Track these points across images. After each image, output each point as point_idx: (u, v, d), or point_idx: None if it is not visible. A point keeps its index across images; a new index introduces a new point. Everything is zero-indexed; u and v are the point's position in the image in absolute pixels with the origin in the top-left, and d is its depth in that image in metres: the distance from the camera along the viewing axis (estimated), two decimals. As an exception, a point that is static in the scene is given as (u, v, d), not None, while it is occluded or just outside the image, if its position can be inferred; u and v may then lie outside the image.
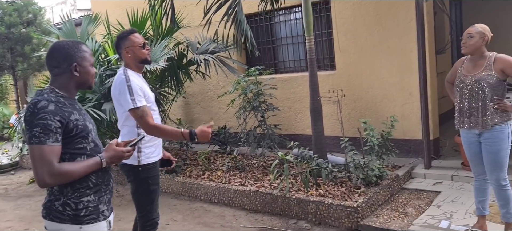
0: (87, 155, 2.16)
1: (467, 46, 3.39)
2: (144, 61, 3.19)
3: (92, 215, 2.16)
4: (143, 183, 3.20)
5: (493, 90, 3.35)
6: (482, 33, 3.36)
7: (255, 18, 7.19)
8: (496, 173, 3.44)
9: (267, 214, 4.94)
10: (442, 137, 6.21)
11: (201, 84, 7.73)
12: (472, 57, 3.47)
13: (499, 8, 8.36)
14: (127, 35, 3.16)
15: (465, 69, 3.50)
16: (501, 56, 3.36)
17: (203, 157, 6.18)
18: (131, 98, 3.00)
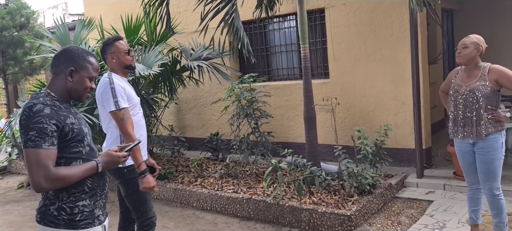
0: (82, 159, 2.14)
1: (462, 56, 3.42)
2: (128, 67, 3.29)
3: (88, 220, 2.14)
4: (132, 184, 3.22)
5: (487, 100, 3.37)
6: (476, 44, 3.40)
7: (250, 25, 7.19)
8: (490, 182, 3.46)
9: (260, 221, 4.91)
10: (434, 146, 6.25)
11: (194, 91, 7.70)
12: (467, 68, 3.50)
13: (490, 20, 8.48)
14: (112, 41, 3.26)
15: (460, 79, 3.53)
16: (495, 66, 3.39)
17: (196, 164, 6.14)
18: (114, 100, 3.08)
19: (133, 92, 3.28)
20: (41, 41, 7.13)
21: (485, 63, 3.44)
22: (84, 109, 5.66)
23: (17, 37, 7.75)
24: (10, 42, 7.68)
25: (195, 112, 8.05)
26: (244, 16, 6.67)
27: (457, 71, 3.62)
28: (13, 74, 8.13)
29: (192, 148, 7.98)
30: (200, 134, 7.94)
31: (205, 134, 7.62)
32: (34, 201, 6.42)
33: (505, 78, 3.34)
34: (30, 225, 5.43)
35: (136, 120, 3.22)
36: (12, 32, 7.67)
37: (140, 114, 3.32)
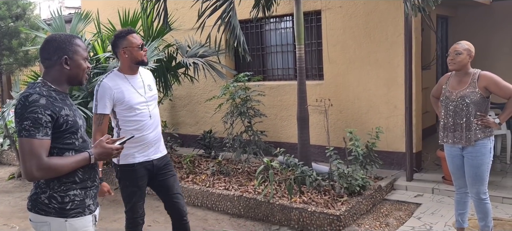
0: (75, 150, 2.16)
1: (455, 62, 3.48)
2: (140, 62, 3.19)
3: (78, 209, 2.17)
4: (121, 183, 3.28)
5: (477, 106, 3.43)
6: (469, 50, 3.47)
7: (246, 24, 7.23)
8: (477, 187, 3.52)
9: (250, 219, 4.95)
10: (424, 151, 6.32)
11: (188, 88, 7.73)
12: (458, 74, 3.56)
13: (484, 28, 8.59)
14: (125, 35, 3.15)
15: (450, 86, 3.59)
16: (484, 73, 3.45)
17: (188, 160, 6.17)
18: (95, 103, 3.11)
19: (132, 93, 3.15)
20: (36, 32, 7.13)
21: (475, 70, 3.51)
22: (78, 102, 5.67)
23: (13, 27, 7.74)
24: (5, 32, 7.67)
25: (189, 109, 8.07)
26: (241, 15, 6.71)
27: (447, 77, 3.68)
28: (7, 64, 8.11)
29: (185, 144, 8.00)
30: (194, 131, 7.97)
31: (198, 131, 7.65)
32: (24, 192, 6.42)
33: (494, 85, 3.41)
34: (20, 216, 5.44)
35: (134, 121, 3.15)
36: (8, 22, 7.66)
37: (142, 114, 3.18)
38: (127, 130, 3.15)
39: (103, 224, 5.01)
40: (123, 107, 3.13)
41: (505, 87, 3.40)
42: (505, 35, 8.51)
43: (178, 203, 3.35)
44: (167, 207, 3.40)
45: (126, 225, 3.37)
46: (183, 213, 3.37)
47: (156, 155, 3.28)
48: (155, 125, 3.29)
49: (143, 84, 3.25)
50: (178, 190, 3.38)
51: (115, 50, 3.20)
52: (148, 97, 3.25)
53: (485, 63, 7.99)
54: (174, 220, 3.42)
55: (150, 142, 3.24)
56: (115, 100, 3.10)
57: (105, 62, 5.97)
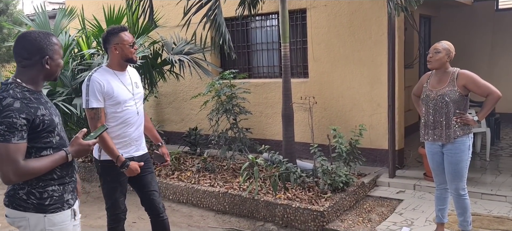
0: (53, 148, 2.16)
1: (433, 61, 3.56)
2: (130, 60, 3.20)
3: (57, 204, 2.17)
4: (101, 178, 3.31)
5: (456, 104, 3.52)
6: (448, 50, 3.55)
7: (232, 22, 7.25)
8: (456, 183, 3.62)
9: (235, 215, 4.99)
10: (407, 148, 6.43)
11: (174, 85, 7.72)
12: (437, 73, 3.64)
13: (466, 27, 8.76)
14: (118, 31, 3.16)
15: (431, 85, 3.67)
16: (463, 72, 3.54)
17: (173, 157, 6.17)
18: (86, 99, 3.10)
19: (121, 89, 3.17)
20: (19, 28, 7.04)
21: (454, 69, 3.59)
22: (62, 99, 5.63)
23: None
24: (-13, 27, 7.58)
25: (174, 106, 8.07)
26: (226, 12, 6.72)
27: (428, 76, 3.77)
28: (-12, 60, 8.02)
29: (170, 141, 8.00)
30: (179, 128, 7.97)
31: (184, 128, 7.65)
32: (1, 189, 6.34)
33: (472, 84, 3.50)
34: None
35: (121, 116, 3.17)
36: (-10, 17, 7.56)
37: (129, 111, 3.20)
38: (112, 125, 3.16)
39: (88, 221, 4.99)
40: (111, 102, 3.13)
41: (483, 86, 3.49)
42: (486, 35, 8.70)
43: (154, 200, 3.38)
44: (143, 203, 3.44)
45: (108, 221, 3.38)
46: (159, 209, 3.41)
47: (138, 152, 3.31)
48: (139, 122, 3.31)
49: (131, 81, 3.27)
50: (155, 187, 3.41)
51: (106, 45, 3.20)
52: (136, 94, 3.27)
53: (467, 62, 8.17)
54: (151, 216, 3.46)
55: (133, 139, 3.26)
56: (105, 94, 3.10)
57: (90, 58, 5.93)
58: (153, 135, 3.54)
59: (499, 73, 8.53)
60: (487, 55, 8.68)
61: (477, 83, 3.49)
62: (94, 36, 6.27)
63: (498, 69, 8.58)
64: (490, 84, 3.51)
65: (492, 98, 3.48)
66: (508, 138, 7.42)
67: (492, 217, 4.35)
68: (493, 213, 4.44)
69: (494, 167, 5.82)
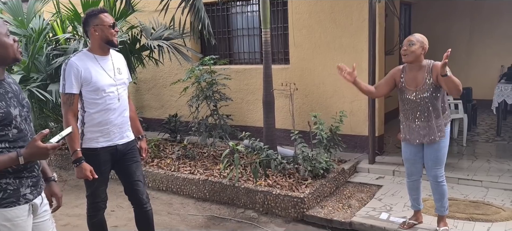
0: (9, 141, 2.04)
1: (409, 53, 3.44)
2: (110, 42, 3.09)
3: (11, 198, 2.04)
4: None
5: (436, 100, 3.48)
6: (422, 42, 3.46)
7: (212, 7, 7.15)
8: (435, 170, 3.64)
9: (215, 202, 4.97)
10: (387, 134, 6.49)
11: (153, 71, 7.60)
12: (412, 68, 3.53)
13: (446, 14, 8.84)
14: (97, 13, 3.07)
15: (407, 83, 3.55)
16: (437, 64, 3.42)
17: (153, 144, 6.10)
18: (62, 83, 3.02)
19: (101, 75, 3.06)
20: (-9, 11, 6.80)
21: (429, 61, 3.51)
22: (37, 85, 5.47)
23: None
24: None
25: (154, 93, 7.95)
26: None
27: (400, 71, 3.64)
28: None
29: (150, 128, 7.89)
30: (159, 114, 7.87)
31: (163, 115, 7.56)
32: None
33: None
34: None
35: (101, 103, 3.06)
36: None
37: (109, 97, 3.09)
38: (92, 112, 3.07)
39: (65, 209, 4.90)
40: (90, 88, 3.03)
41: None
42: (464, 22, 8.79)
43: (138, 190, 3.30)
44: (127, 192, 3.36)
45: (88, 209, 3.31)
46: (143, 200, 3.34)
47: (122, 140, 3.21)
48: (122, 109, 3.20)
49: (113, 66, 3.15)
50: (140, 177, 3.32)
51: (85, 28, 3.10)
52: (117, 80, 3.15)
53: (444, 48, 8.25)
54: (135, 206, 3.39)
55: (115, 126, 3.16)
56: (82, 79, 3.00)
57: (65, 42, 5.77)
58: (135, 125, 3.43)
59: (477, 60, 8.66)
60: (465, 43, 8.79)
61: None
62: (70, 20, 6.10)
63: (475, 57, 8.71)
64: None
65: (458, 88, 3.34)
66: (485, 124, 7.56)
67: (468, 201, 4.42)
68: (469, 197, 4.52)
69: (471, 152, 5.92)
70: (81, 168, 2.99)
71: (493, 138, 6.60)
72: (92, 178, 3.01)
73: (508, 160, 5.46)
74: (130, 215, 4.70)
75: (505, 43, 8.42)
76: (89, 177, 3.00)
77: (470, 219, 4.02)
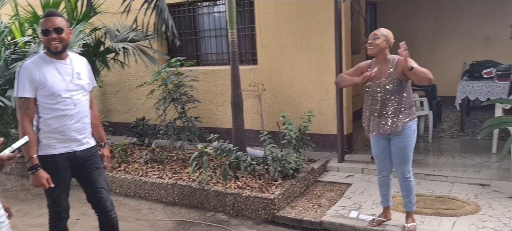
0: None
1: (373, 46, 3.54)
2: (48, 48, 2.94)
3: None
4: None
5: (400, 94, 3.54)
6: (386, 36, 3.54)
7: (178, 8, 7.04)
8: (402, 167, 3.69)
9: (184, 206, 4.88)
10: (355, 133, 6.54)
11: (119, 74, 7.42)
12: (378, 61, 3.60)
13: (411, 14, 9.02)
14: (43, 16, 2.95)
15: (374, 76, 3.61)
16: (402, 58, 3.53)
17: (119, 149, 5.94)
18: (16, 86, 2.90)
19: (57, 79, 2.92)
20: None
21: (394, 56, 3.59)
22: (-5, 90, 5.24)
23: None
24: None
25: (120, 96, 7.77)
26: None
27: (367, 65, 3.71)
28: None
29: (117, 133, 7.71)
30: (126, 118, 7.69)
31: (131, 119, 7.39)
32: None
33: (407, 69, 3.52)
34: None
35: (56, 109, 2.94)
36: None
37: (65, 102, 2.96)
38: (47, 118, 2.94)
39: (27, 219, 4.71)
40: (45, 93, 2.90)
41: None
42: (428, 21, 9.01)
43: (102, 198, 3.19)
44: (90, 200, 3.25)
45: (50, 219, 3.18)
46: (107, 208, 3.23)
47: (81, 147, 3.09)
48: (80, 115, 3.07)
49: (72, 71, 3.03)
50: (103, 184, 3.21)
51: None
52: (75, 85, 3.02)
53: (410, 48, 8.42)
54: (99, 214, 3.28)
55: (74, 132, 3.04)
56: (37, 83, 2.88)
57: (24, 46, 5.55)
58: (97, 132, 3.31)
59: (441, 58, 8.88)
60: (430, 41, 9.00)
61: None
62: (29, 22, 5.87)
63: (439, 54, 8.92)
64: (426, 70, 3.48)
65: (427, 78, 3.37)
66: (449, 120, 7.75)
67: (434, 196, 4.51)
68: (435, 193, 4.61)
69: (436, 148, 6.05)
70: (37, 176, 2.87)
71: (457, 134, 6.77)
72: (49, 186, 2.89)
73: (472, 155, 5.60)
74: (95, 223, 4.53)
75: (467, 40, 8.68)
76: (45, 186, 2.88)
77: (436, 214, 4.10)
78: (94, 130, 3.28)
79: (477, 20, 8.54)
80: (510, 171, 4.92)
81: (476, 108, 7.90)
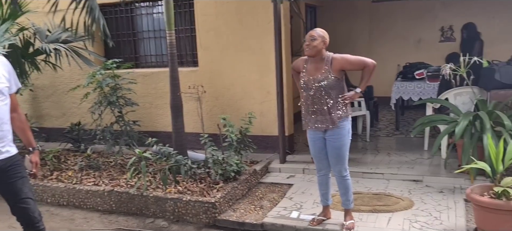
0: None
1: (311, 47, 3.59)
2: None
3: None
4: None
5: (335, 90, 3.62)
6: (323, 37, 3.61)
7: (115, 8, 6.80)
8: (339, 166, 3.76)
9: (122, 214, 4.69)
10: (297, 134, 6.63)
11: (52, 77, 7.04)
12: (314, 59, 3.66)
13: (348, 17, 9.30)
14: None
15: (308, 72, 3.69)
16: (336, 56, 3.61)
17: (52, 156, 5.62)
18: None
19: None
20: None
21: (328, 53, 3.67)
22: None
23: None
24: None
25: (53, 100, 7.37)
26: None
27: (304, 61, 3.77)
28: None
29: (51, 139, 7.31)
30: (60, 123, 7.31)
31: (66, 124, 7.02)
32: None
33: (346, 63, 3.61)
34: None
35: None
36: None
37: None
38: None
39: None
40: None
41: (356, 60, 3.64)
42: (364, 24, 9.33)
43: (28, 208, 2.97)
44: (15, 212, 3.01)
45: None
46: (35, 219, 3.01)
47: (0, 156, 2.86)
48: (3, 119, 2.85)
49: None
50: (28, 194, 2.99)
51: None
52: None
53: (349, 50, 8.66)
54: (25, 226, 3.05)
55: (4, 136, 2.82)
56: None
57: None
58: (25, 137, 3.09)
59: (376, 59, 8.95)
60: (366, 43, 9.32)
61: (350, 60, 3.62)
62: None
63: (375, 56, 9.06)
64: (362, 57, 3.65)
65: (368, 68, 3.62)
66: (385, 119, 8.06)
67: (371, 194, 4.65)
68: (373, 190, 4.75)
69: (373, 147, 6.26)
70: None
71: (393, 133, 7.05)
72: None
73: (406, 152, 5.85)
74: (23, 236, 4.26)
75: (400, 43, 9.08)
76: None
77: (373, 211, 4.22)
78: (21, 135, 3.06)
79: (409, 24, 8.97)
80: (440, 167, 5.18)
81: (410, 107, 8.27)
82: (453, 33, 8.78)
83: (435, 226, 3.85)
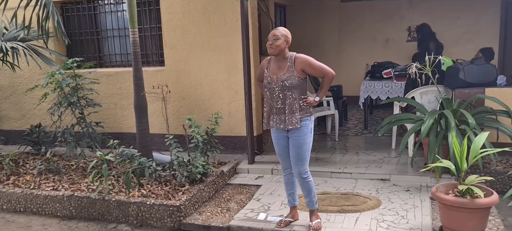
0: None
1: (274, 47, 3.53)
2: None
3: None
4: None
5: (297, 89, 3.56)
6: (286, 36, 3.56)
7: (78, 6, 6.56)
8: (299, 166, 3.69)
9: (83, 220, 4.50)
10: (265, 134, 6.54)
11: (10, 77, 6.74)
12: (277, 59, 3.62)
13: (318, 17, 9.31)
14: None
15: (271, 71, 3.64)
16: (299, 56, 3.57)
17: (8, 160, 5.34)
18: None
19: None
20: None
21: (291, 53, 3.62)
22: None
23: None
24: None
25: (12, 101, 7.05)
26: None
27: (268, 61, 3.73)
28: None
29: (10, 142, 7.00)
30: (20, 125, 7.00)
31: (25, 126, 6.73)
32: None
33: (309, 66, 3.57)
34: None
35: None
36: None
37: None
38: None
39: None
40: None
41: (318, 67, 3.59)
42: (334, 24, 9.36)
43: None
44: None
45: None
46: None
47: None
48: None
49: None
50: None
51: None
52: None
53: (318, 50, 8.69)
54: None
55: None
56: None
57: None
58: None
59: (346, 59, 9.28)
60: (335, 43, 9.36)
61: (312, 65, 3.57)
62: None
63: (344, 56, 9.32)
64: (324, 66, 3.61)
65: (328, 78, 3.61)
66: (354, 119, 8.09)
67: (339, 194, 4.61)
68: (341, 190, 4.72)
69: (342, 146, 6.25)
70: None
71: (362, 132, 7.07)
72: None
73: (374, 151, 5.86)
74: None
75: (369, 42, 9.16)
76: None
77: (341, 211, 4.18)
78: None
79: (377, 23, 9.06)
80: (407, 165, 5.21)
81: (378, 106, 8.35)
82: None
83: (402, 225, 3.84)
